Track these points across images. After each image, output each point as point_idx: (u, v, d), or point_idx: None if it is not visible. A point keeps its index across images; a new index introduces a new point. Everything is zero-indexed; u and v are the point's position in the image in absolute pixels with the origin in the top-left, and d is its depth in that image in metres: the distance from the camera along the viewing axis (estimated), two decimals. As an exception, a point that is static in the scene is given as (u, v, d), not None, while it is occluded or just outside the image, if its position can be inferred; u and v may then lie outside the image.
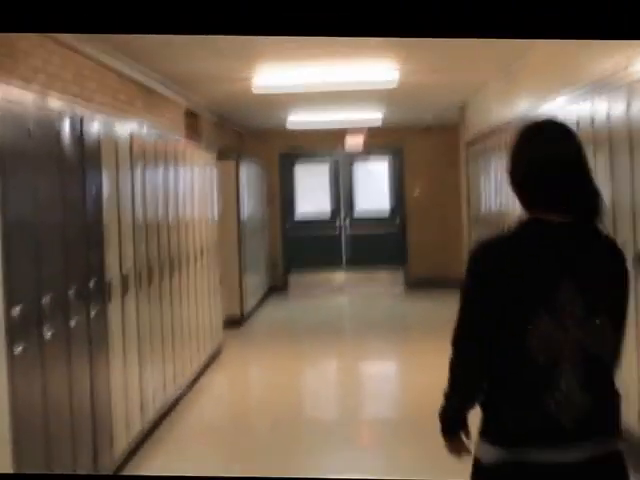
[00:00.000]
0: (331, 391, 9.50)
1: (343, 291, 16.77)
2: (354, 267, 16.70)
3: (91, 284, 5.68)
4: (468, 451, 2.86)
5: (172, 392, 7.91)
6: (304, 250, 17.19)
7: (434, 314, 13.71)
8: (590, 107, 6.73)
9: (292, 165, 17.40)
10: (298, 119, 14.51)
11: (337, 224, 17.37)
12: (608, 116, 6.31)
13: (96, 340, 5.77)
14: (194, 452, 7.03)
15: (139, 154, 7.02)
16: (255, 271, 14.47)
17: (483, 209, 12.07)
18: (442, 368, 2.96)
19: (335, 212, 17.45)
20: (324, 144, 16.99)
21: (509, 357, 2.70)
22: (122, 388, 6.35)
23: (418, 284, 16.60)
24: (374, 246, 17.14)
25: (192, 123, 11.90)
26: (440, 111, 14.12)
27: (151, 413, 7.15)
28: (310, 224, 17.36)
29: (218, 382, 9.47)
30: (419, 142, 16.86)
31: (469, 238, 13.31)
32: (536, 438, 2.67)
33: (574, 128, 2.88)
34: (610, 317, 2.72)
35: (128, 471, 6.31)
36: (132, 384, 6.59)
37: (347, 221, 17.41)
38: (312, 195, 17.54)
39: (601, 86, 6.47)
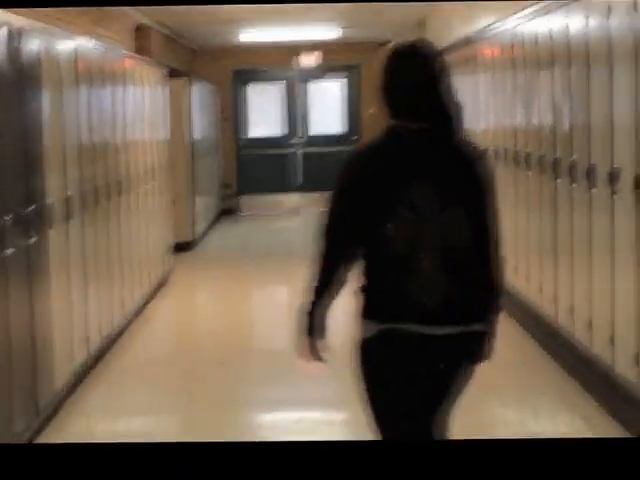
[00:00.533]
0: (281, 318, 9.18)
1: (297, 213, 16.43)
2: (309, 189, 16.27)
3: (30, 210, 5.28)
4: (319, 358, 3.21)
5: (118, 321, 7.57)
6: (258, 172, 16.74)
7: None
8: (550, 22, 6.48)
9: (245, 84, 16.85)
10: (252, 35, 13.99)
11: (292, 144, 16.89)
12: (567, 31, 6.08)
13: (36, 269, 5.39)
14: (137, 386, 6.73)
15: (85, 72, 6.56)
16: (207, 193, 14.06)
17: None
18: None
19: (290, 132, 16.96)
20: (279, 61, 16.48)
21: (377, 249, 3.13)
22: (65, 319, 6.00)
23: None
24: (330, 167, 16.58)
25: (143, 38, 11.36)
26: (398, 27, 13.66)
27: (96, 344, 6.80)
28: (264, 145, 16.87)
29: (165, 310, 9.14)
30: (376, 58, 16.40)
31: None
32: (404, 315, 3.12)
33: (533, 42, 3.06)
34: (465, 210, 3.11)
35: (67, 407, 5.98)
36: (76, 315, 6.24)
37: (302, 141, 16.95)
38: (266, 115, 17.02)
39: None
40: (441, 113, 3.18)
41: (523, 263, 7.54)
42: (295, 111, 16.88)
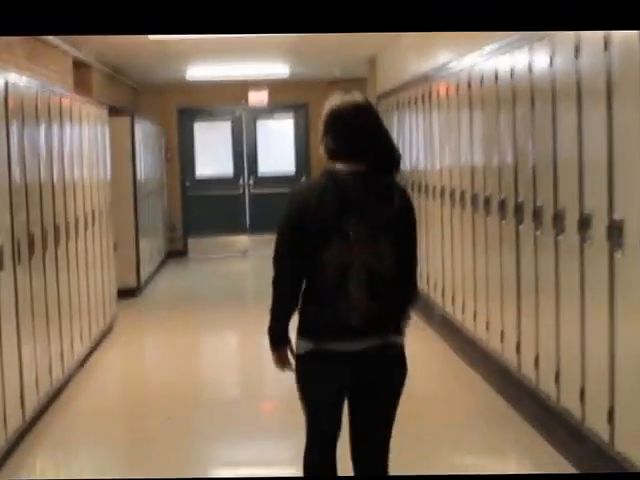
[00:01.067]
0: (230, 366, 8.77)
1: (246, 256, 16.00)
2: (258, 230, 15.86)
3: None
4: (290, 364, 3.79)
5: (59, 375, 7.07)
6: (205, 212, 16.29)
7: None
8: (511, 60, 6.21)
9: (191, 122, 16.41)
10: (198, 72, 13.62)
11: (240, 184, 16.47)
12: (530, 68, 5.81)
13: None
14: (79, 448, 6.24)
15: (16, 109, 6.11)
16: (153, 235, 13.59)
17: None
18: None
19: (238, 172, 16.53)
20: (225, 99, 16.11)
21: (312, 273, 3.63)
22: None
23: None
24: (279, 208, 16.26)
25: (82, 75, 10.92)
26: (348, 65, 13.40)
27: (33, 401, 6.31)
28: (211, 185, 16.42)
29: (110, 360, 8.63)
30: (325, 97, 16.07)
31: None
32: (331, 333, 3.62)
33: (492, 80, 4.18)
34: (390, 242, 3.60)
35: (4, 474, 5.49)
36: (8, 372, 5.75)
37: (250, 181, 16.53)
38: (213, 154, 16.59)
39: (523, 38, 5.90)
40: (371, 158, 3.69)
41: (483, 310, 7.20)
42: (243, 150, 16.48)
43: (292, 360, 3.80)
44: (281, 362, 3.84)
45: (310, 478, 3.78)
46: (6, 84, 5.89)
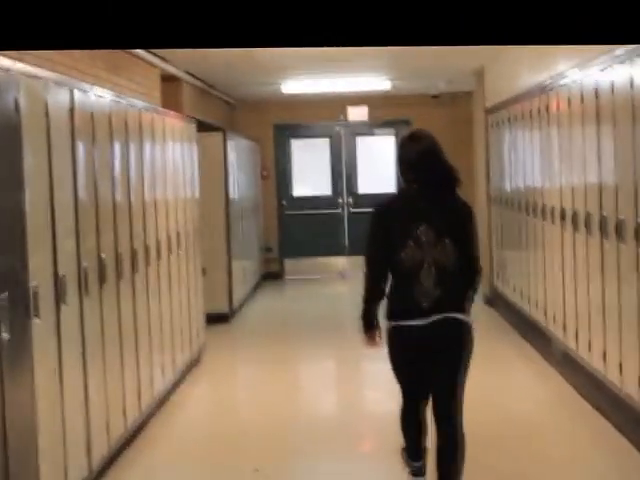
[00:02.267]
0: (329, 407, 7.93)
1: (345, 277, 15.23)
2: (357, 251, 15.05)
3: (3, 298, 4.16)
4: (379, 344, 4.87)
5: (134, 416, 6.41)
6: (302, 233, 15.57)
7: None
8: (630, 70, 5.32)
9: (288, 138, 15.73)
10: (294, 87, 12.94)
11: (338, 203, 15.71)
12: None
13: (12, 366, 4.27)
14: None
15: (84, 126, 5.48)
16: (246, 257, 12.95)
17: (506, 187, 10.51)
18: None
19: (336, 190, 15.77)
20: (323, 115, 15.40)
21: (395, 269, 4.73)
22: (56, 420, 4.86)
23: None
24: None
25: (171, 90, 10.34)
26: (453, 77, 12.54)
27: (102, 449, 5.65)
28: (309, 204, 15.70)
29: (195, 397, 7.92)
30: (428, 113, 15.25)
31: (488, 221, 11.75)
32: (409, 314, 4.73)
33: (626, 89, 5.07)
34: (453, 242, 4.70)
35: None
36: (72, 414, 5.09)
37: (349, 200, 15.73)
38: (311, 172, 15.88)
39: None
40: (437, 179, 4.77)
41: (614, 349, 6.29)
42: (342, 168, 15.71)
43: (379, 340, 4.87)
44: (371, 341, 4.89)
45: (407, 432, 5.04)
46: (72, 96, 5.25)
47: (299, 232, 15.53)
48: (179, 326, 7.97)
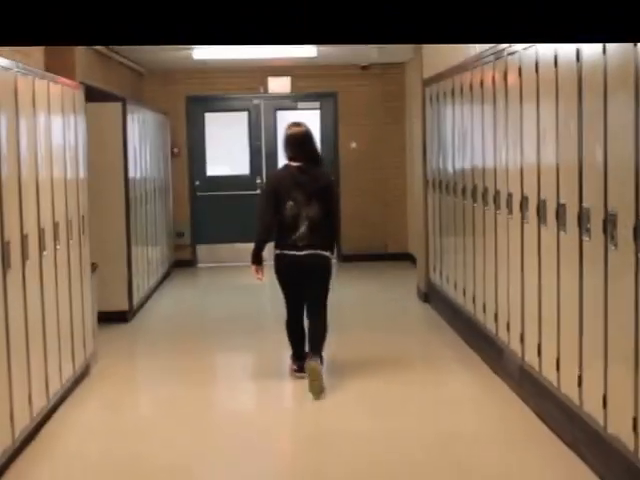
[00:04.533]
0: (247, 439, 6.49)
1: (264, 268, 13.87)
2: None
3: None
4: (262, 275, 7.11)
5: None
6: (217, 216, 14.14)
7: (373, 301, 10.94)
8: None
9: (202, 112, 14.23)
10: (206, 52, 11.49)
11: (257, 184, 14.28)
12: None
13: None
14: None
15: None
16: (152, 244, 11.51)
17: (446, 170, 9.25)
18: (400, 409, 6.58)
19: (255, 170, 14.33)
20: (242, 87, 13.96)
21: (281, 220, 6.84)
22: None
23: (351, 259, 13.78)
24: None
25: (58, 52, 8.84)
26: (388, 45, 11.21)
27: None
28: (224, 185, 14.23)
29: (79, 424, 6.39)
30: (357, 85, 13.95)
31: (424, 207, 10.49)
32: (290, 247, 6.82)
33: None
34: (319, 202, 6.86)
35: None
36: None
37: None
38: (227, 150, 14.39)
39: None
40: (307, 157, 6.98)
41: (593, 376, 5.08)
42: (261, 146, 14.28)
43: (262, 275, 7.11)
44: (258, 273, 7.08)
45: (291, 336, 7.24)
46: None
47: (214, 215, 14.09)
48: (57, 334, 6.54)
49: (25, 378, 5.68)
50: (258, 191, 14.27)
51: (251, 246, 7.50)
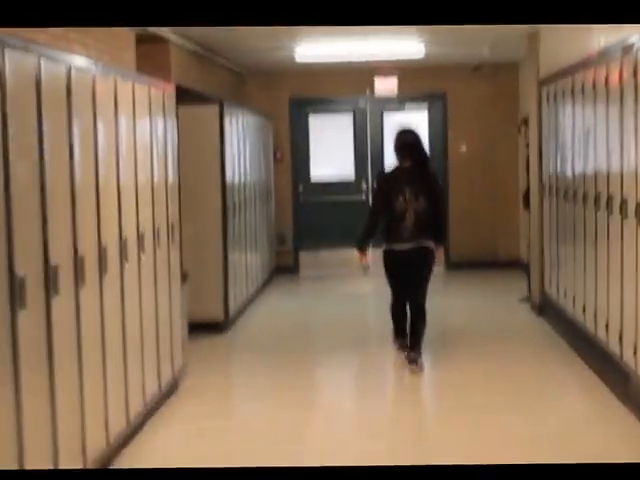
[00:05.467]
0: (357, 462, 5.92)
1: (368, 273, 13.31)
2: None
3: None
4: (367, 263, 8.00)
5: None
6: (320, 222, 13.69)
7: (483, 314, 10.25)
8: None
9: (306, 114, 13.79)
10: (311, 52, 11.00)
11: (362, 189, 13.77)
12: None
13: None
14: None
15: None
16: (252, 251, 11.09)
17: (566, 174, 8.55)
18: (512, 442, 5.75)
19: (360, 174, 13.83)
20: (347, 88, 13.46)
21: (391, 215, 7.56)
22: None
23: (460, 266, 13.12)
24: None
25: (154, 52, 8.49)
26: (501, 41, 10.54)
27: None
28: (328, 190, 13.78)
29: (159, 451, 5.90)
30: (467, 86, 13.29)
31: (540, 215, 9.79)
32: (397, 241, 7.56)
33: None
34: (426, 199, 7.57)
35: None
36: None
37: (375, 185, 13.71)
38: (331, 154, 13.92)
39: None
40: (417, 159, 7.71)
41: None
42: (367, 149, 13.75)
43: (366, 260, 7.95)
44: (363, 258, 7.89)
45: (395, 318, 8.12)
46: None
47: (317, 221, 13.66)
48: (140, 349, 6.13)
49: (101, 399, 5.27)
50: (363, 197, 13.78)
51: (354, 252, 7.97)
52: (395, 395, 7.57)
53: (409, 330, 7.81)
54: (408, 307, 7.86)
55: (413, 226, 7.49)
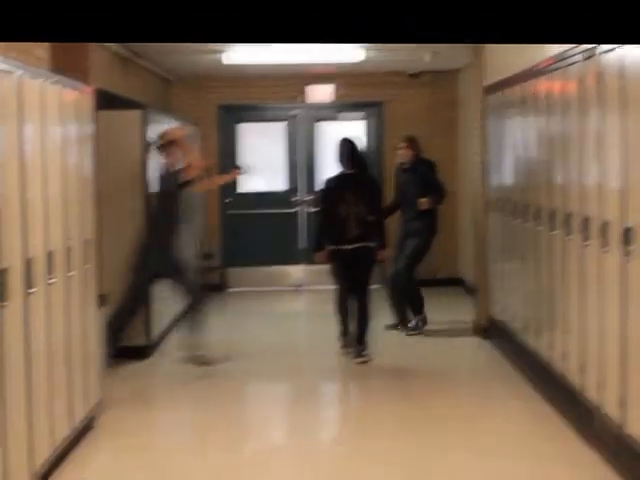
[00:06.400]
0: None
1: (301, 291, 12.72)
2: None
3: None
4: (325, 260, 8.52)
5: None
6: (249, 237, 12.97)
7: (424, 337, 9.64)
8: None
9: (235, 123, 13.08)
10: (239, 55, 10.32)
11: (294, 201, 13.12)
12: None
13: None
14: None
15: None
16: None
17: (514, 189, 8.01)
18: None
19: (292, 187, 13.14)
20: (278, 95, 12.80)
21: (334, 218, 8.33)
22: None
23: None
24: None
25: (71, 52, 7.73)
26: (444, 48, 10.00)
27: None
28: (258, 202, 13.05)
29: None
30: (405, 94, 12.73)
31: (482, 232, 9.25)
32: (341, 242, 8.32)
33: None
34: (365, 204, 8.31)
35: None
36: None
37: (308, 197, 13.06)
38: (261, 164, 13.19)
39: None
40: (357, 165, 8.45)
41: None
42: (299, 160, 13.10)
43: (325, 259, 8.52)
44: (322, 258, 8.50)
45: (341, 313, 8.68)
46: None
47: (246, 236, 12.92)
48: (50, 386, 5.38)
49: None
50: (296, 209, 13.12)
51: (285, 268, 10.48)
52: (333, 431, 6.92)
53: (356, 324, 8.46)
54: (356, 300, 8.48)
55: (356, 228, 8.26)
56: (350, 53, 10.24)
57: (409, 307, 9.60)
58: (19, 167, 4.83)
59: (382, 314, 9.55)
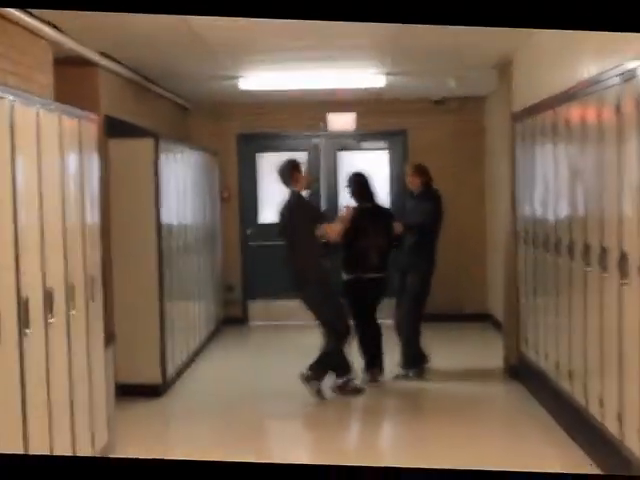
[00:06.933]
0: None
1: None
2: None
3: None
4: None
5: None
6: (271, 269, 12.59)
7: (446, 371, 9.22)
8: None
9: (255, 152, 12.76)
10: (255, 82, 10.00)
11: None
12: None
13: None
14: None
15: None
16: (195, 301, 10.01)
17: (546, 221, 7.60)
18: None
19: (314, 216, 12.75)
20: (298, 124, 12.47)
21: (360, 248, 8.70)
22: None
23: (425, 319, 12.07)
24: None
25: (79, 78, 7.46)
26: (467, 72, 9.64)
27: None
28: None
29: None
30: (429, 122, 12.36)
31: (514, 266, 8.82)
32: (362, 271, 8.66)
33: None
34: (384, 237, 8.73)
35: None
36: None
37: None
38: (282, 194, 12.80)
39: None
40: (372, 199, 8.92)
41: None
42: (320, 191, 12.74)
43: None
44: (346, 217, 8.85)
45: (374, 344, 8.92)
46: None
47: (267, 268, 12.55)
48: (49, 432, 5.02)
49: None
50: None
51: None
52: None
53: (373, 352, 8.82)
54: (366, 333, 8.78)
55: (377, 259, 8.64)
56: (371, 79, 9.90)
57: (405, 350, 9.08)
58: (10, 201, 4.49)
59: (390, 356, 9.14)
